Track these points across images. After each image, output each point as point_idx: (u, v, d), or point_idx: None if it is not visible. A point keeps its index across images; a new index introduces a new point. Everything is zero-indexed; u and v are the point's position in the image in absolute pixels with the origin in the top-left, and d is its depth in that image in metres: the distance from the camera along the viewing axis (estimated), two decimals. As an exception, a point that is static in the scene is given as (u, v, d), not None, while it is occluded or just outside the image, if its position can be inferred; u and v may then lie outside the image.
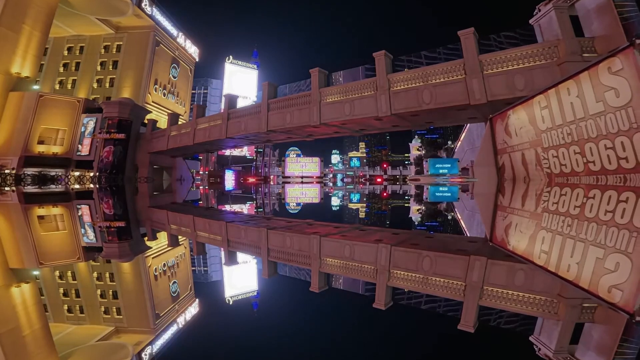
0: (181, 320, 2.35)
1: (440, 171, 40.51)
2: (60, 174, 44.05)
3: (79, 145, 48.74)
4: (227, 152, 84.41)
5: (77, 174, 46.08)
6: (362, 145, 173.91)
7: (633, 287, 2.55)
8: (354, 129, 33.62)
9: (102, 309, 2.58)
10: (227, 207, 11.10)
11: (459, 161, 42.50)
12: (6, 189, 22.00)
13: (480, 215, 8.38)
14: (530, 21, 22.16)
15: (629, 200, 7.61)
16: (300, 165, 56.91)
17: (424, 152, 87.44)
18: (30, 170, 41.48)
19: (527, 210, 7.79)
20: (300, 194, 14.88)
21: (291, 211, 9.22)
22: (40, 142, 45.41)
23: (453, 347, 1.98)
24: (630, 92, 12.55)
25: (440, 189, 18.76)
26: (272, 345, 1.98)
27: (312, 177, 54.79)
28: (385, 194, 16.28)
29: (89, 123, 49.00)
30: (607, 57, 13.41)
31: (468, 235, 5.63)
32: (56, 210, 8.12)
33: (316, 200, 12.69)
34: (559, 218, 5.95)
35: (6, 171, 39.25)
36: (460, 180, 35.82)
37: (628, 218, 5.50)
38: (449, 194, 15.41)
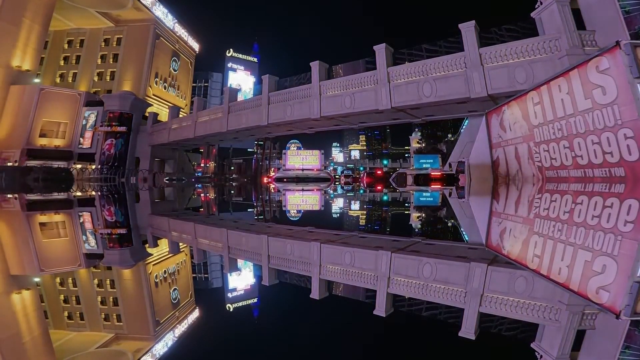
0: (181, 327, 2.35)
1: (424, 165, 43.08)
2: (62, 166, 44.16)
3: (81, 138, 49.06)
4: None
5: (79, 166, 46.23)
6: (362, 138, 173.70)
7: (619, 288, 2.61)
8: (353, 122, 33.61)
9: (103, 315, 2.58)
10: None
11: (439, 157, 46.28)
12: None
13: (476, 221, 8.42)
14: (532, 14, 22.06)
15: (613, 206, 7.74)
16: (300, 158, 56.69)
17: (424, 145, 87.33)
18: (32, 163, 41.63)
19: (519, 215, 7.84)
20: (301, 201, 14.83)
21: (292, 219, 9.19)
22: (42, 135, 45.72)
23: (454, 354, 1.98)
24: (616, 90, 12.96)
25: (424, 194, 18.84)
26: (273, 352, 1.98)
27: (312, 169, 54.59)
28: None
29: (90, 116, 49.24)
30: (595, 56, 13.71)
31: (468, 241, 5.62)
32: (58, 217, 8.14)
33: (316, 207, 12.67)
34: (549, 223, 6.00)
35: (8, 164, 39.38)
36: (439, 180, 37.69)
37: (613, 222, 5.60)
38: (432, 199, 15.60)
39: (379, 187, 30.64)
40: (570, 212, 7.53)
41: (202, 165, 73.04)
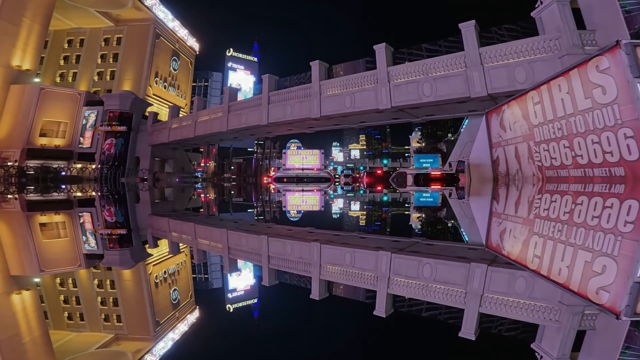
0: (181, 328, 2.35)
1: (424, 165, 42.76)
2: (62, 166, 44.21)
3: (81, 138, 49.03)
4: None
5: (79, 166, 46.26)
6: (362, 137, 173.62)
7: (619, 288, 2.61)
8: (353, 121, 33.59)
9: (103, 316, 2.58)
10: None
11: (439, 156, 45.64)
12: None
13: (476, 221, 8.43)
14: (532, 14, 22.06)
15: (613, 206, 7.73)
16: (300, 157, 56.44)
17: (424, 144, 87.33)
18: (32, 163, 41.65)
19: (519, 216, 7.84)
20: (301, 202, 14.81)
21: (292, 219, 9.19)
22: (42, 135, 45.72)
23: (454, 355, 1.98)
24: (616, 89, 12.95)
25: (424, 194, 18.84)
26: (273, 353, 1.98)
27: (312, 169, 54.43)
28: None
29: (90, 116, 49.24)
30: (595, 56, 13.72)
31: (468, 241, 5.62)
32: (58, 218, 8.14)
33: (316, 208, 12.66)
34: (550, 223, 6.00)
35: (9, 163, 39.45)
36: (439, 180, 37.44)
37: (613, 223, 5.60)
38: (432, 199, 15.61)
39: (379, 188, 30.55)
40: (570, 212, 7.53)
41: (202, 164, 72.91)
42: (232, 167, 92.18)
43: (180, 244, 5.53)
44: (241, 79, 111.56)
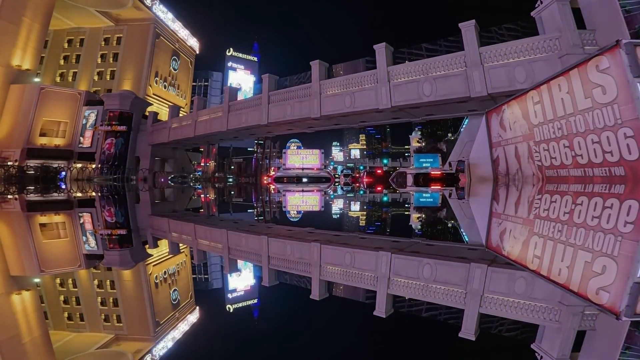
0: (181, 328, 2.35)
1: (424, 164, 42.54)
2: (62, 165, 44.25)
3: (81, 138, 49.09)
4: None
5: (79, 165, 46.29)
6: (362, 137, 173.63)
7: (619, 288, 2.60)
8: (353, 121, 33.59)
9: (103, 316, 2.58)
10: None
11: (439, 156, 45.41)
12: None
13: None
14: (532, 13, 22.07)
15: (613, 207, 7.70)
16: (300, 157, 56.36)
17: (424, 144, 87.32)
18: (32, 162, 41.69)
19: (519, 216, 7.83)
20: (301, 202, 14.80)
21: (292, 219, 9.18)
22: (42, 135, 45.80)
23: (454, 355, 1.98)
24: (616, 89, 12.92)
25: (424, 195, 18.83)
26: (273, 353, 1.98)
27: (312, 168, 54.40)
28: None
29: (90, 115, 49.27)
30: (595, 55, 13.72)
31: (468, 241, 5.61)
32: (58, 218, 8.13)
33: (316, 208, 12.65)
34: (549, 224, 5.98)
35: (9, 163, 39.50)
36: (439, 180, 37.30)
37: (613, 223, 5.57)
38: (432, 199, 15.60)
39: (379, 188, 30.50)
40: (570, 212, 7.51)
41: (202, 164, 72.83)
42: (232, 167, 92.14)
43: (180, 245, 5.53)
44: (241, 79, 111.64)
